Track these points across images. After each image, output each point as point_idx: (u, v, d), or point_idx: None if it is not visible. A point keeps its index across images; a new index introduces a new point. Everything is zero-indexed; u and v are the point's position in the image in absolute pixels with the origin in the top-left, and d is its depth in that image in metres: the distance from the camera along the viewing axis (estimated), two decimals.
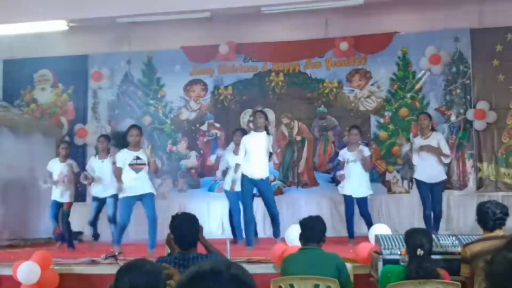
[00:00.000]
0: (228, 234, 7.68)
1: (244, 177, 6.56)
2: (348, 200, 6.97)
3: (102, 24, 8.50)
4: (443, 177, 7.00)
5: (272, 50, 8.90)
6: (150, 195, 6.50)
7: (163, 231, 4.40)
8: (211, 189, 8.83)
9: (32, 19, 7.76)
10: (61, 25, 8.11)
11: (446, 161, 7.01)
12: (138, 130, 6.50)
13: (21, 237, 8.14)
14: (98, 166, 7.20)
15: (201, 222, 3.56)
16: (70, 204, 7.35)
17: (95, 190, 7.24)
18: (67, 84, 9.54)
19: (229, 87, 9.16)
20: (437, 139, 6.87)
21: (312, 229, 3.95)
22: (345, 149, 7.14)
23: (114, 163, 6.74)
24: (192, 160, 9.11)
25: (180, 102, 9.27)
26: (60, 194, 7.29)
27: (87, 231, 8.79)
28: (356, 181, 6.91)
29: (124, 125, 7.69)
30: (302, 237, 3.98)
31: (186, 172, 9.12)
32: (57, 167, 7.33)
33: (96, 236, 7.43)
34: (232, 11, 7.99)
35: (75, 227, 8.31)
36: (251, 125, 6.71)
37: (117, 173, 6.44)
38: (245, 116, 8.99)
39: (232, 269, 1.34)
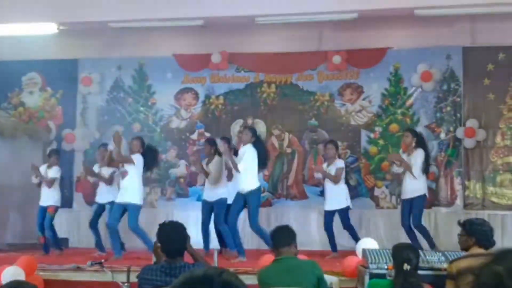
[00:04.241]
0: (216, 245, 7.58)
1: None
2: (326, 215, 7.19)
3: (93, 28, 8.41)
4: (420, 192, 6.95)
5: (265, 61, 8.86)
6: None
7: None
8: (199, 199, 8.74)
9: (22, 20, 7.69)
10: (51, 28, 8.04)
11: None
12: None
13: (5, 242, 8.03)
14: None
15: (188, 231, 3.53)
16: (54, 209, 7.46)
17: (99, 197, 7.61)
18: (56, 88, 9.39)
19: (221, 96, 9.10)
20: (415, 157, 6.91)
21: (280, 236, 3.90)
22: (324, 165, 7.36)
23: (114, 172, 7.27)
24: (181, 169, 9.02)
25: (171, 110, 9.19)
26: (46, 198, 7.47)
27: (73, 238, 8.74)
28: (334, 194, 7.12)
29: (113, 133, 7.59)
30: (273, 247, 3.92)
31: (175, 181, 9.04)
32: (47, 173, 7.56)
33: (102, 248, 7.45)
34: (226, 20, 7.99)
35: (62, 234, 8.21)
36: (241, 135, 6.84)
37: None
38: (236, 126, 8.93)
39: (224, 276, 1.33)
